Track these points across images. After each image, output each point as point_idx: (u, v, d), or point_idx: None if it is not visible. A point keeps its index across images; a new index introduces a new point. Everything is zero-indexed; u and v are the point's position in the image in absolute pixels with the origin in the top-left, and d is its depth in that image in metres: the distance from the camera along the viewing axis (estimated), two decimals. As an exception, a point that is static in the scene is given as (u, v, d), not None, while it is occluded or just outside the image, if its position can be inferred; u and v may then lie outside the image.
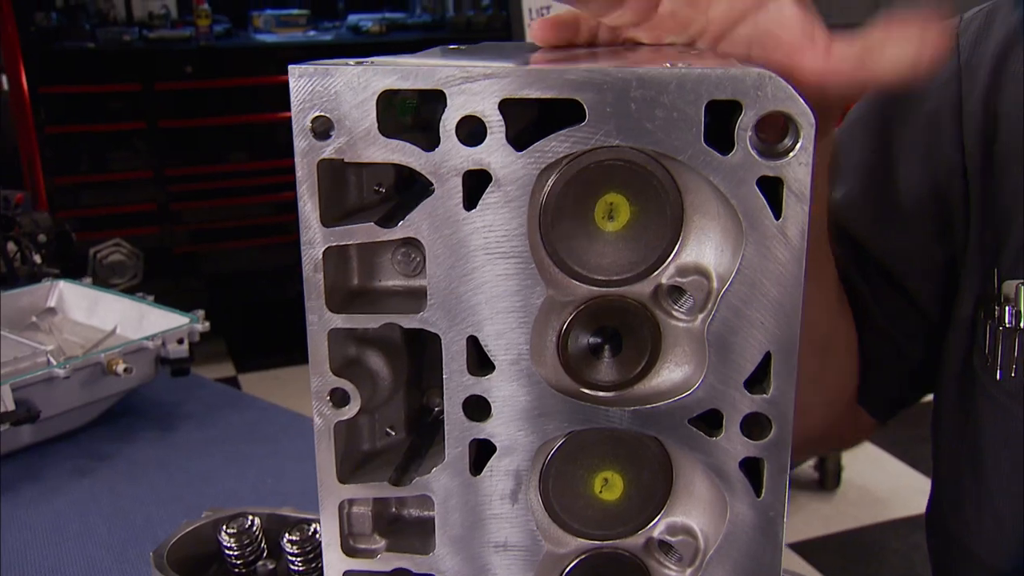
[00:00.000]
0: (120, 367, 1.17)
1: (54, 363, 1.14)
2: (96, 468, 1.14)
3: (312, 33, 3.75)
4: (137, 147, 3.47)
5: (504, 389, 0.45)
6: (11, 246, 1.59)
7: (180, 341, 1.24)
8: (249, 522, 0.77)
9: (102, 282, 1.67)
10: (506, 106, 0.41)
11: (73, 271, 1.59)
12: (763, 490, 0.44)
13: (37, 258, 1.60)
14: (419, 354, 0.51)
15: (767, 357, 0.42)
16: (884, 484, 2.98)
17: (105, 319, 1.38)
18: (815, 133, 0.39)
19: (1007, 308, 0.64)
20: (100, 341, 1.33)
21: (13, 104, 3.25)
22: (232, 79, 3.40)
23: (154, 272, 2.00)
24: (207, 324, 1.26)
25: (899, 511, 2.82)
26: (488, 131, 0.41)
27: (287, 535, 0.75)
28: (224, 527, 0.77)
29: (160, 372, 1.25)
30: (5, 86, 3.35)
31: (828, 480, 2.91)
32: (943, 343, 0.74)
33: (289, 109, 0.43)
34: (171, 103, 3.39)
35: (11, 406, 1.08)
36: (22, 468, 1.13)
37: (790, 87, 0.38)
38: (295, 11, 3.75)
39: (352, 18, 3.95)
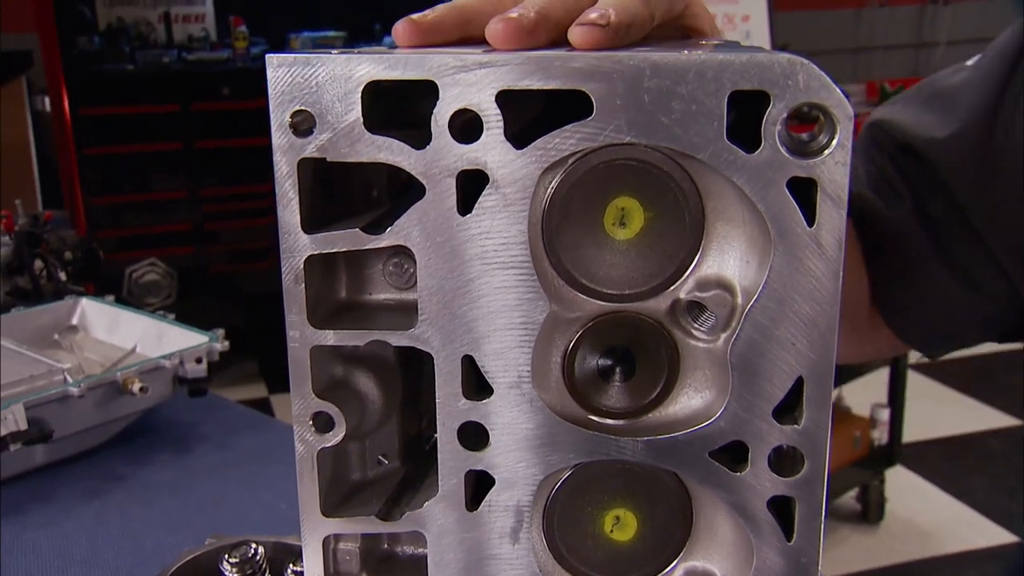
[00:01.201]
0: (136, 386, 1.14)
1: (70, 381, 1.12)
2: (108, 490, 1.11)
3: (348, 55, 3.75)
4: (174, 167, 3.49)
5: (503, 415, 0.40)
6: (38, 263, 1.59)
7: (199, 360, 1.21)
8: (252, 551, 0.73)
9: (137, 302, 1.66)
10: (505, 98, 0.37)
11: (102, 289, 1.58)
12: (794, 534, 0.39)
13: (63, 275, 1.59)
14: (416, 374, 0.47)
15: (798, 383, 0.38)
16: (930, 517, 2.87)
17: (126, 337, 1.36)
18: (854, 128, 0.34)
19: None
20: (119, 360, 1.30)
21: (55, 125, 3.29)
22: (267, 100, 3.42)
23: (189, 291, 1.99)
24: (226, 343, 1.23)
25: (946, 546, 2.72)
26: (485, 126, 0.37)
27: (291, 565, 0.71)
28: (226, 556, 0.73)
29: (178, 392, 1.22)
30: (48, 108, 3.39)
31: (871, 512, 2.81)
32: None
33: None
34: (207, 124, 3.41)
35: (24, 425, 1.05)
36: (32, 489, 1.10)
37: (825, 75, 0.34)
38: (332, 33, 3.76)
39: (388, 40, 3.95)
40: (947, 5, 4.70)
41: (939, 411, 3.34)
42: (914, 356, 2.98)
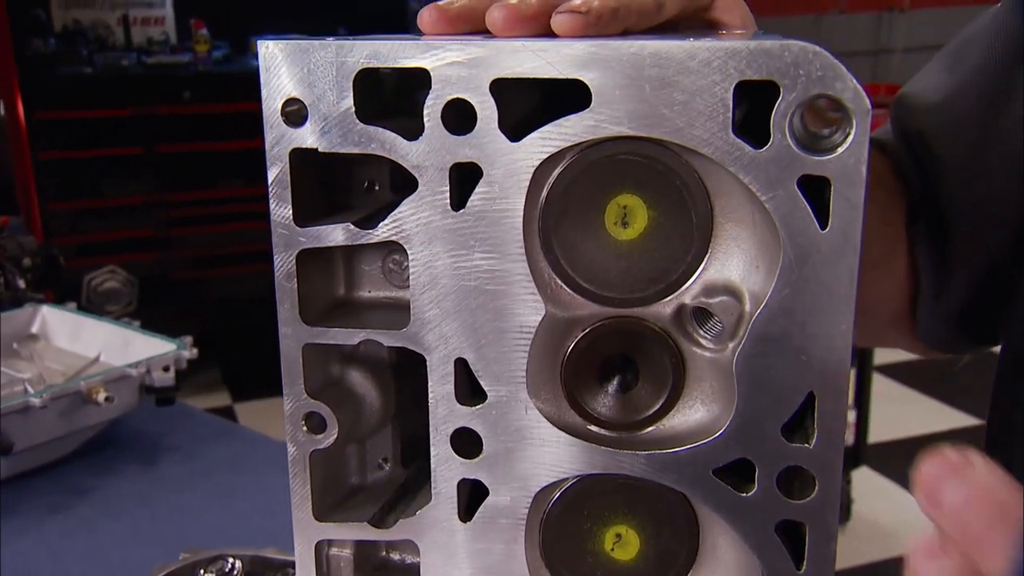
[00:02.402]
0: (101, 396, 1.11)
1: (31, 392, 1.08)
2: (73, 504, 1.07)
3: (313, 59, 3.72)
4: (134, 173, 3.43)
5: (498, 422, 0.38)
6: (-5, 270, 1.54)
7: (166, 368, 1.18)
8: (229, 565, 0.71)
9: (96, 309, 1.62)
10: (499, 88, 0.35)
11: (61, 297, 1.54)
12: (805, 561, 0.36)
13: (22, 283, 1.55)
14: (421, 375, 0.45)
15: (809, 398, 0.35)
16: (895, 517, 2.89)
17: (89, 346, 1.32)
18: (871, 120, 0.32)
19: None
20: (82, 369, 1.27)
21: (10, 129, 3.22)
22: (231, 104, 3.37)
23: (151, 299, 1.94)
24: (195, 351, 1.20)
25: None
26: (478, 117, 0.35)
27: (275, 578, 0.69)
28: (202, 571, 0.71)
29: (145, 401, 1.19)
30: (1, 112, 3.32)
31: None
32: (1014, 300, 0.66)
33: None
34: (169, 128, 3.36)
35: (-18, 438, 1.02)
36: (-8, 504, 1.06)
37: (840, 64, 0.32)
38: (296, 37, 3.73)
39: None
40: (904, 12, 4.77)
41: (903, 412, 3.38)
42: (879, 358, 3.01)
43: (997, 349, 0.72)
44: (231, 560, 0.72)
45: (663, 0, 0.40)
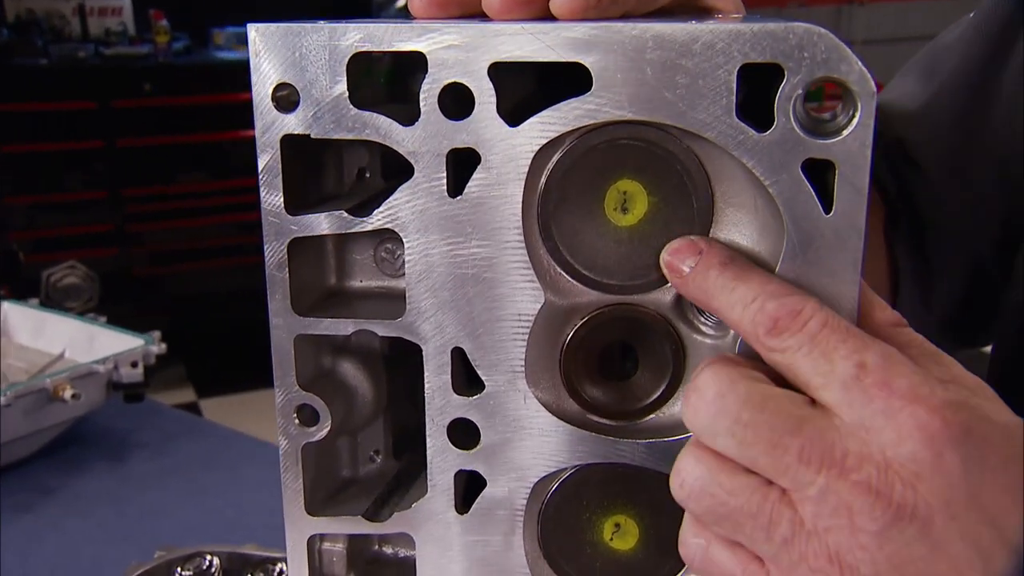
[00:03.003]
0: (68, 393, 1.08)
1: (-6, 390, 1.06)
2: (40, 503, 1.05)
3: (275, 51, 3.68)
4: (94, 167, 3.37)
5: (496, 413, 0.38)
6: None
7: (134, 364, 1.16)
8: (207, 563, 0.70)
9: (56, 305, 1.59)
10: (497, 72, 0.34)
11: (21, 293, 1.50)
12: None
13: (-21, 279, 1.51)
14: (413, 366, 0.44)
15: None
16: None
17: (52, 342, 1.29)
18: (876, 105, 0.32)
19: None
20: (46, 366, 1.24)
21: (-37, 122, 3.14)
22: (193, 97, 3.32)
23: (112, 295, 1.91)
24: (163, 346, 1.18)
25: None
26: (476, 101, 0.35)
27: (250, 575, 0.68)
28: (178, 569, 0.70)
29: (112, 398, 1.16)
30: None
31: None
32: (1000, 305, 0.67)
33: (252, 127, 0.37)
34: (129, 121, 3.30)
35: (-56, 437, 0.99)
36: (-44, 505, 1.04)
37: (845, 46, 0.32)
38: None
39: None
40: (863, 5, 4.83)
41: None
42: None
43: (984, 350, 0.73)
44: (208, 557, 0.71)
45: None
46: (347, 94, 0.35)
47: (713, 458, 0.33)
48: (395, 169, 0.42)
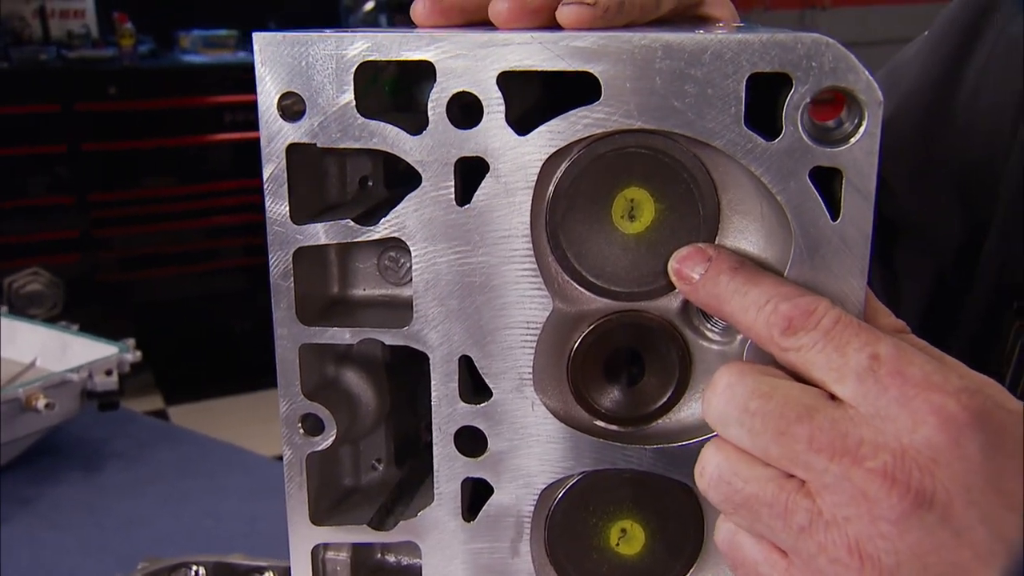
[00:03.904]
0: (41, 402, 1.07)
1: (-36, 399, 1.04)
2: (13, 515, 1.03)
3: (241, 54, 3.63)
4: (57, 171, 3.31)
5: (503, 420, 0.38)
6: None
7: (109, 372, 1.14)
8: (192, 573, 0.69)
9: (19, 313, 1.56)
10: (506, 81, 0.35)
11: (-14, 301, 1.47)
12: None
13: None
14: (413, 374, 0.44)
15: None
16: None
17: (23, 351, 1.27)
18: (882, 113, 0.33)
19: None
20: (17, 375, 1.22)
21: (-78, 127, 3.08)
22: (159, 100, 3.28)
23: (77, 302, 1.88)
24: (138, 353, 1.16)
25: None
26: (485, 110, 0.35)
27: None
28: (163, 579, 0.69)
29: (86, 407, 1.15)
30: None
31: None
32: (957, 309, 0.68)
33: (220, 131, 0.36)
34: (94, 125, 3.25)
35: (-87, 449, 0.97)
36: (-74, 517, 1.02)
37: (852, 56, 0.32)
38: (223, 32, 3.64)
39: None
40: (825, 10, 4.89)
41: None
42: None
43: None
44: (194, 568, 0.70)
45: None
46: (354, 103, 0.35)
47: (732, 449, 0.33)
48: (397, 177, 0.42)
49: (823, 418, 0.32)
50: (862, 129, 0.33)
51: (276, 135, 0.36)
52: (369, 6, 3.55)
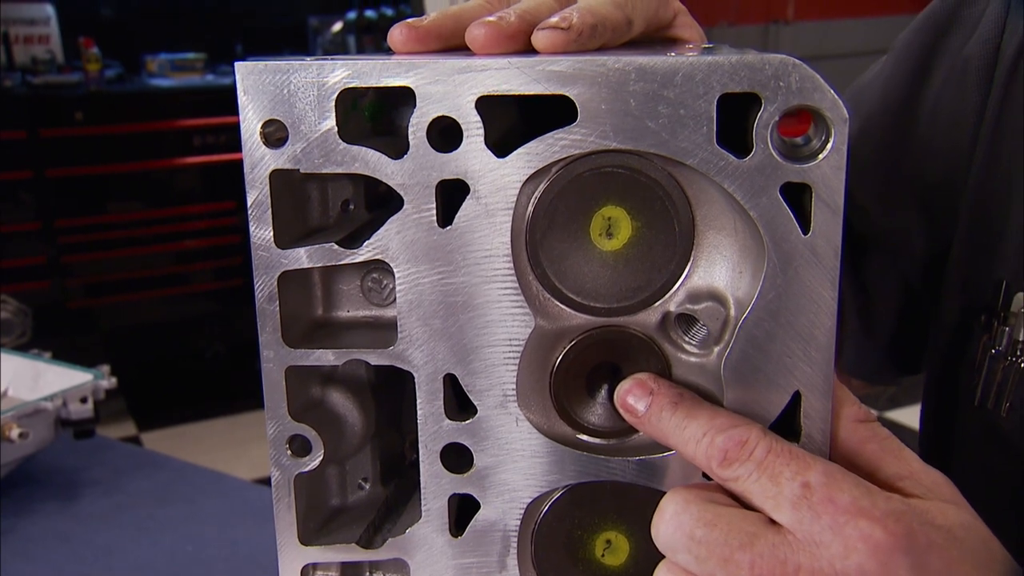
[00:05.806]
0: (15, 432, 1.06)
1: (-64, 431, 1.02)
2: (-13, 547, 1.02)
3: (210, 77, 3.63)
4: (23, 198, 3.29)
5: (488, 436, 0.39)
6: None
7: (83, 400, 1.13)
8: (172, 599, 0.69)
9: (-13, 342, 1.54)
10: (485, 105, 0.35)
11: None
12: None
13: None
14: (397, 393, 0.44)
15: (796, 397, 0.37)
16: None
17: (-7, 380, 1.26)
18: (848, 130, 0.34)
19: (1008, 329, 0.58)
20: (-11, 404, 1.20)
21: None
22: (126, 125, 3.27)
23: (46, 329, 1.86)
24: (113, 380, 1.16)
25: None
26: (464, 134, 0.36)
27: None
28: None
29: (61, 435, 1.14)
30: None
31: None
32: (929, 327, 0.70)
33: (189, 154, 0.37)
34: (60, 151, 3.23)
35: None
36: (-101, 551, 1.00)
37: (818, 76, 0.34)
38: (191, 55, 3.63)
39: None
40: (788, 24, 4.96)
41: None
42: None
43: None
44: (177, 594, 0.70)
45: (632, 18, 0.41)
46: (336, 129, 0.36)
47: (681, 572, 0.36)
48: (378, 199, 0.42)
49: (763, 544, 0.34)
50: (829, 145, 0.34)
51: (259, 162, 0.36)
52: (337, 27, 3.56)
